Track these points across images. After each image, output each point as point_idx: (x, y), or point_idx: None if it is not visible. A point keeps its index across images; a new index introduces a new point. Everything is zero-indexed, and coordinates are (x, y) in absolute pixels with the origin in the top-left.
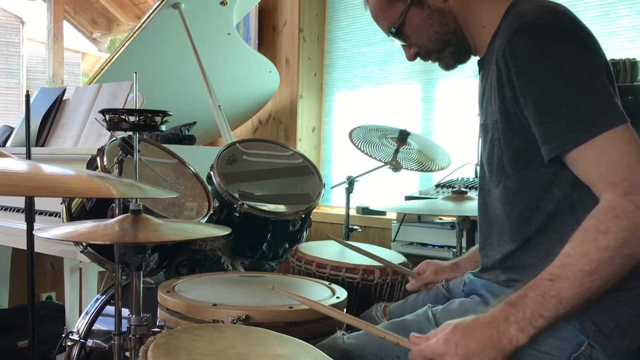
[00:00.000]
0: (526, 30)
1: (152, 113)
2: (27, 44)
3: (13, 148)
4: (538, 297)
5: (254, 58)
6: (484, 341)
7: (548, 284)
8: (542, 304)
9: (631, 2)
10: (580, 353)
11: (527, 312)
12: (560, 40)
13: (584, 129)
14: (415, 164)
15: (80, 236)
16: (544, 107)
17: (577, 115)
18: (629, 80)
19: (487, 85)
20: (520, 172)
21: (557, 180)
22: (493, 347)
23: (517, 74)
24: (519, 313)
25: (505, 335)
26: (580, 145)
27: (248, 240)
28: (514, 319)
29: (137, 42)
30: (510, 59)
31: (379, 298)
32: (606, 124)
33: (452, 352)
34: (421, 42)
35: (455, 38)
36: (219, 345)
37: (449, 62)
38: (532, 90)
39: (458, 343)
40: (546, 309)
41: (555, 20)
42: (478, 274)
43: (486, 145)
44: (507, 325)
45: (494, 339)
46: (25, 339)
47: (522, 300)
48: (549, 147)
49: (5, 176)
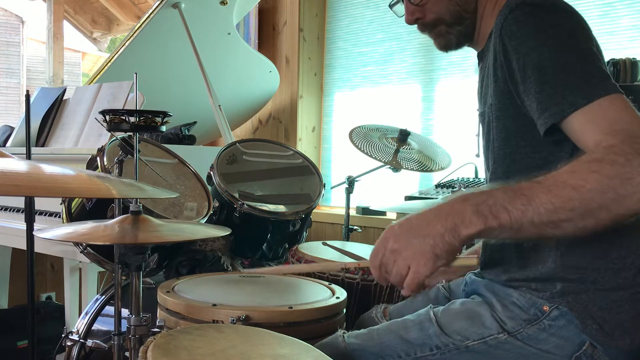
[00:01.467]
0: (522, 7)
1: (153, 114)
2: (27, 44)
3: (13, 148)
4: (509, 191)
5: (254, 58)
6: (431, 218)
7: (526, 185)
8: (511, 197)
9: (631, 2)
10: (582, 352)
11: (491, 199)
12: (556, 14)
13: (583, 93)
14: (415, 164)
15: (80, 237)
16: (543, 75)
17: (576, 81)
18: (629, 80)
19: (485, 74)
20: (511, 157)
21: (547, 166)
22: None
23: (514, 48)
24: (481, 197)
25: (459, 212)
26: (580, 109)
27: (248, 241)
28: (473, 201)
29: (137, 42)
30: (507, 34)
31: (378, 298)
32: (605, 89)
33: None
34: (437, 10)
35: (470, 18)
36: (218, 345)
37: (452, 40)
38: (531, 60)
39: (402, 224)
40: (513, 203)
41: None
42: (479, 274)
43: (484, 133)
44: (464, 204)
45: (443, 214)
46: (25, 339)
47: (492, 190)
48: (548, 113)
49: (5, 176)
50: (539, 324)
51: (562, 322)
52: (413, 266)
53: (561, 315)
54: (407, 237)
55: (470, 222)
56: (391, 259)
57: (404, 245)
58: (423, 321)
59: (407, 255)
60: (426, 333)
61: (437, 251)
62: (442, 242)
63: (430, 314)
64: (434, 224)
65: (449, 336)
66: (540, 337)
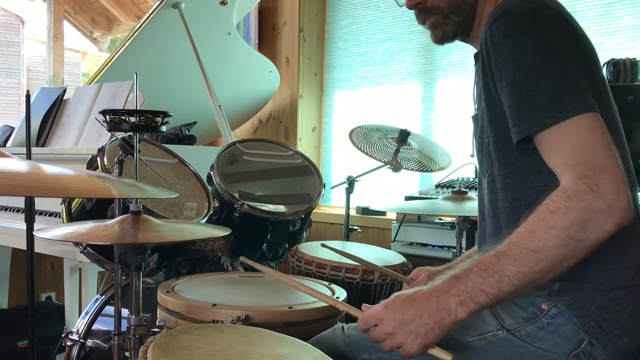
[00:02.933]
0: (506, 17)
1: (153, 114)
2: (27, 44)
3: (13, 148)
4: (481, 272)
5: (254, 58)
6: (423, 310)
7: (493, 260)
8: (485, 279)
9: (631, 2)
10: (581, 350)
11: (469, 285)
12: (537, 27)
13: (550, 112)
14: (415, 164)
15: (80, 237)
16: (516, 90)
17: (546, 100)
18: (629, 80)
19: (478, 76)
20: (500, 160)
21: (537, 169)
22: (431, 317)
23: (494, 59)
24: (460, 286)
25: (445, 307)
26: (546, 129)
27: (248, 241)
28: (454, 292)
29: (137, 42)
30: (490, 44)
31: (378, 298)
32: (573, 110)
33: (390, 318)
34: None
35: (468, 12)
36: (218, 345)
37: (448, 32)
38: (507, 75)
39: (397, 309)
40: (488, 284)
41: (535, 8)
42: None
43: (476, 135)
44: (448, 297)
45: (432, 309)
46: (25, 339)
47: (466, 274)
48: (517, 129)
49: (5, 176)
50: (537, 322)
51: (560, 320)
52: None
53: (559, 314)
54: (400, 327)
55: (456, 313)
56: (382, 337)
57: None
58: None
59: (400, 340)
60: None
61: (427, 342)
62: (432, 334)
63: None
64: (425, 318)
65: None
66: (539, 335)
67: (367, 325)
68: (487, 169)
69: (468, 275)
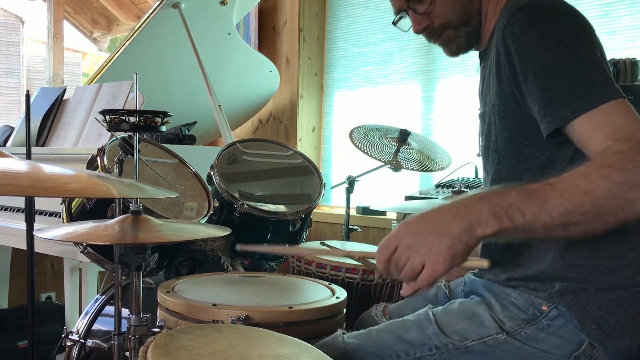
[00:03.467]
0: (524, 10)
1: (153, 114)
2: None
3: (13, 148)
4: (524, 193)
5: (254, 58)
6: (447, 217)
7: (539, 187)
8: (525, 200)
9: (631, 2)
10: (581, 352)
11: (506, 201)
12: (559, 18)
13: (586, 99)
14: (416, 164)
15: (80, 237)
16: (546, 80)
17: (579, 87)
18: (629, 80)
19: (486, 74)
20: (515, 156)
21: (551, 165)
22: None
23: (517, 51)
24: (497, 198)
25: (475, 213)
26: (583, 115)
27: (248, 241)
28: (489, 201)
29: (137, 42)
30: (510, 38)
31: (378, 298)
32: (607, 95)
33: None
34: (444, 13)
35: (476, 18)
36: (218, 345)
37: (462, 43)
38: (533, 66)
39: (418, 221)
40: (528, 206)
41: (553, 2)
42: (478, 274)
43: (483, 133)
44: (480, 205)
45: (460, 214)
46: (25, 339)
47: (505, 191)
48: (550, 119)
49: (5, 176)
50: (537, 323)
51: (560, 321)
52: (429, 264)
53: (560, 315)
54: (423, 235)
55: (487, 223)
56: (405, 255)
57: (420, 242)
58: (422, 321)
59: (424, 252)
60: (425, 333)
61: (454, 251)
62: (459, 242)
63: (429, 314)
64: (450, 223)
65: (448, 336)
66: (539, 337)
67: (387, 250)
68: (492, 166)
69: (508, 193)
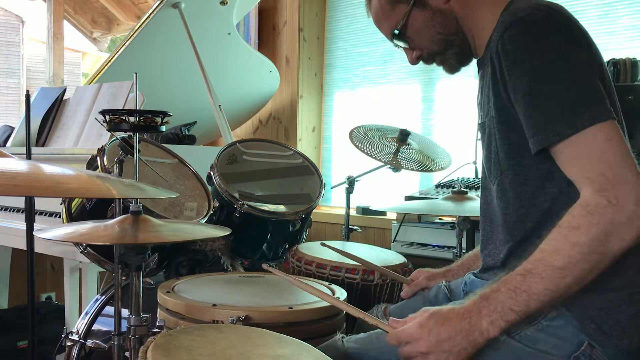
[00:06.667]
0: (518, 25)
1: (153, 114)
2: (27, 44)
3: (13, 148)
4: (509, 292)
5: (254, 58)
6: (456, 331)
7: (519, 279)
8: (513, 299)
9: (631, 2)
10: (581, 352)
11: (499, 306)
12: (551, 36)
13: (569, 123)
14: (416, 164)
15: (80, 237)
16: (532, 100)
17: (564, 109)
18: (629, 80)
19: (484, 83)
20: (515, 168)
21: (552, 176)
22: (465, 337)
23: (507, 69)
24: (490, 306)
25: (477, 327)
26: (565, 140)
27: (248, 241)
28: (486, 312)
29: (137, 41)
30: (503, 53)
31: (378, 298)
32: (591, 118)
33: (425, 338)
34: (424, 45)
35: (457, 39)
36: (218, 345)
37: (453, 64)
38: (522, 85)
39: (432, 330)
40: (517, 303)
41: (547, 16)
42: (478, 274)
43: (484, 143)
44: (480, 318)
45: (465, 330)
46: (25, 339)
47: (495, 295)
48: (535, 140)
49: (5, 176)
50: (537, 324)
51: (560, 322)
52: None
53: (559, 316)
54: (436, 346)
55: (488, 333)
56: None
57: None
58: None
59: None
60: None
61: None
62: (465, 354)
63: None
64: (459, 339)
65: None
66: (538, 337)
67: (399, 342)
68: (496, 177)
69: (497, 296)
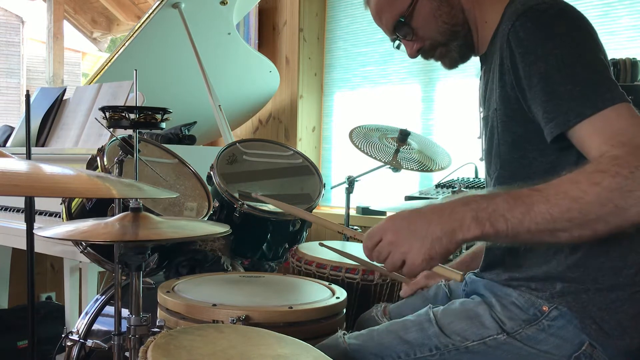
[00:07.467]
0: (529, 13)
1: (153, 110)
2: (27, 44)
3: (13, 148)
4: (509, 199)
5: (254, 58)
6: (432, 219)
7: (525, 192)
8: (510, 206)
9: (631, 2)
10: (582, 352)
11: (491, 206)
12: (563, 22)
13: (590, 103)
14: (416, 164)
15: (81, 235)
16: (550, 85)
17: (583, 91)
18: (629, 80)
19: (489, 78)
20: (519, 161)
21: (555, 170)
22: (440, 225)
23: (521, 55)
24: (482, 203)
25: (459, 218)
26: (586, 119)
27: (248, 241)
28: (474, 206)
29: (137, 41)
30: (515, 41)
31: (378, 298)
32: (612, 99)
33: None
34: (429, 34)
35: (463, 30)
36: (218, 345)
37: (454, 57)
38: (538, 70)
39: (403, 218)
40: (512, 212)
41: (557, 5)
42: (479, 274)
43: (486, 137)
44: (465, 209)
45: (444, 217)
46: (25, 339)
47: (492, 196)
48: (555, 123)
49: (5, 176)
50: (538, 324)
51: (561, 322)
52: (408, 261)
53: (560, 316)
54: (405, 234)
55: (468, 228)
56: (386, 249)
57: (402, 241)
58: (423, 322)
59: (404, 251)
60: (426, 334)
61: (432, 253)
62: (439, 245)
63: (429, 315)
64: (433, 226)
65: (449, 337)
66: (540, 337)
67: (372, 240)
68: (495, 170)
69: (494, 198)
